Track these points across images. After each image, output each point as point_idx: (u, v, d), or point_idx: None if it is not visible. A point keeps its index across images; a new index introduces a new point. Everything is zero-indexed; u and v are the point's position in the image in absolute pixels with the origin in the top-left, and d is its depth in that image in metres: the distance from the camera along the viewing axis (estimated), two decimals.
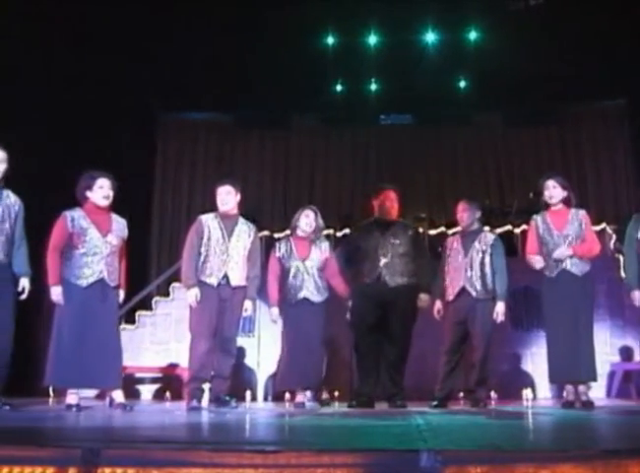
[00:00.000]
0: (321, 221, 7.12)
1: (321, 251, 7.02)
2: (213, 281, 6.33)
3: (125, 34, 10.86)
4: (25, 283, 5.96)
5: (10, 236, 5.92)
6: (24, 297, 5.96)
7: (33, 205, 6.28)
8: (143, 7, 10.75)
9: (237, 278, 6.41)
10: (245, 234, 6.57)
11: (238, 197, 6.65)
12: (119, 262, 6.12)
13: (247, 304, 6.48)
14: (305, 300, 6.88)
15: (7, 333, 5.83)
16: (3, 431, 3.92)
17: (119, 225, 6.15)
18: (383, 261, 6.81)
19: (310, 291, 6.89)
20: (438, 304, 6.97)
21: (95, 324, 5.83)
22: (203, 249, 6.39)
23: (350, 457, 2.61)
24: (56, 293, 5.84)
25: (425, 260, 7.07)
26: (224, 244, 6.41)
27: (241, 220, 6.65)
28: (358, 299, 6.90)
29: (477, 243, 6.95)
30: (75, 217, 5.94)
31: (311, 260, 6.96)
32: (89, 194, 6.00)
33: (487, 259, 6.87)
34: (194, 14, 11.01)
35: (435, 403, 6.74)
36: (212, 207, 6.74)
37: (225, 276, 6.36)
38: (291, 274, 6.93)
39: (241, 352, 8.85)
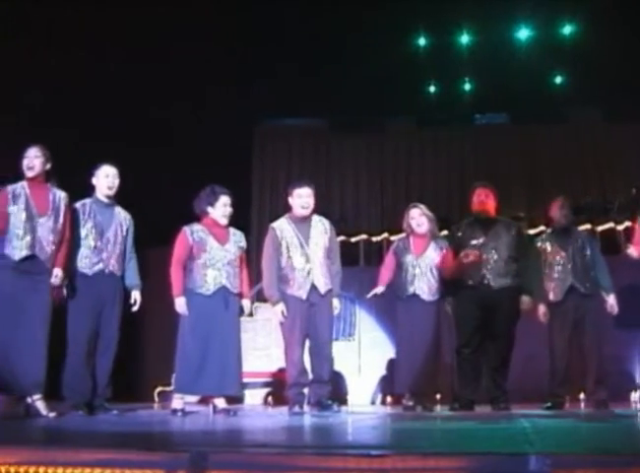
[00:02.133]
0: (429, 213, 6.98)
1: (437, 250, 6.89)
2: (301, 294, 6.27)
3: (218, 42, 11.02)
4: (136, 295, 6.17)
5: (122, 251, 6.13)
6: (135, 308, 6.15)
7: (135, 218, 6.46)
8: (233, 15, 10.89)
9: (324, 283, 6.34)
10: (321, 233, 6.45)
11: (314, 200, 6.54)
12: (240, 271, 6.25)
13: (335, 302, 6.44)
14: (415, 296, 6.75)
15: (115, 343, 6.01)
16: (112, 435, 4.02)
17: (236, 236, 6.30)
18: (488, 263, 6.72)
19: (420, 288, 6.76)
20: (542, 308, 6.82)
21: (217, 331, 5.99)
22: (284, 261, 6.31)
23: (455, 461, 2.59)
24: (180, 304, 6.06)
25: (529, 261, 6.93)
26: (304, 252, 6.31)
27: (315, 218, 6.51)
28: (461, 301, 6.81)
29: (574, 240, 6.82)
30: (194, 230, 6.16)
31: (426, 257, 6.84)
32: (210, 210, 6.17)
33: (588, 255, 6.75)
34: (287, 19, 11.09)
35: (549, 405, 6.62)
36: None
37: (313, 286, 6.30)
38: (403, 269, 6.84)
39: (341, 356, 8.85)
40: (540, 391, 7.30)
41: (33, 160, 5.71)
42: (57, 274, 5.67)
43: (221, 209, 6.16)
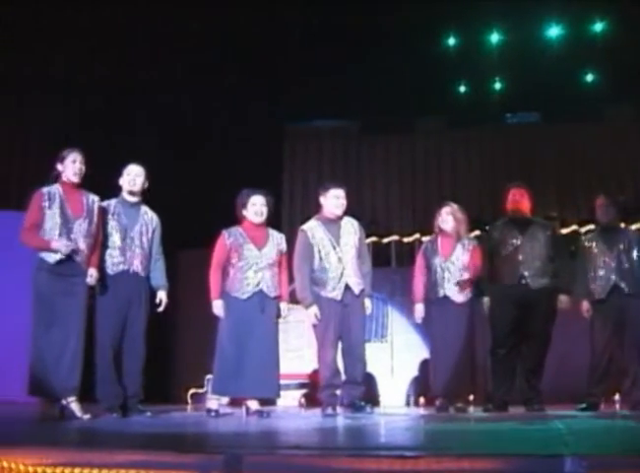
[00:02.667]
0: (461, 214, 6.93)
1: (465, 250, 6.85)
2: (336, 295, 6.24)
3: (250, 45, 11.06)
4: (162, 296, 6.17)
5: (147, 252, 6.12)
6: (161, 309, 6.16)
7: (168, 220, 6.49)
8: (265, 22, 10.93)
9: (357, 283, 6.31)
10: (351, 234, 6.41)
11: None
12: (279, 274, 6.26)
13: (367, 303, 6.40)
14: (446, 298, 6.73)
15: (144, 344, 6.03)
16: (146, 437, 4.04)
17: (276, 238, 6.30)
18: (526, 263, 6.68)
19: (451, 290, 6.72)
20: (586, 305, 6.78)
21: (254, 335, 6.00)
22: (316, 263, 6.29)
23: (490, 462, 2.58)
24: (217, 306, 6.09)
25: (565, 260, 6.90)
26: (337, 253, 6.28)
27: (344, 219, 6.48)
28: (497, 301, 6.76)
29: (621, 240, 6.77)
30: (232, 233, 6.18)
31: (455, 258, 6.80)
32: (244, 212, 6.20)
33: (635, 254, 6.69)
34: (316, 22, 11.10)
35: (584, 406, 6.57)
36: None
37: (346, 286, 6.27)
38: (432, 271, 6.82)
39: (374, 357, 8.83)
40: (574, 392, 7.25)
41: (81, 166, 5.74)
42: (92, 274, 5.70)
43: (251, 208, 6.18)
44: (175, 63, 10.80)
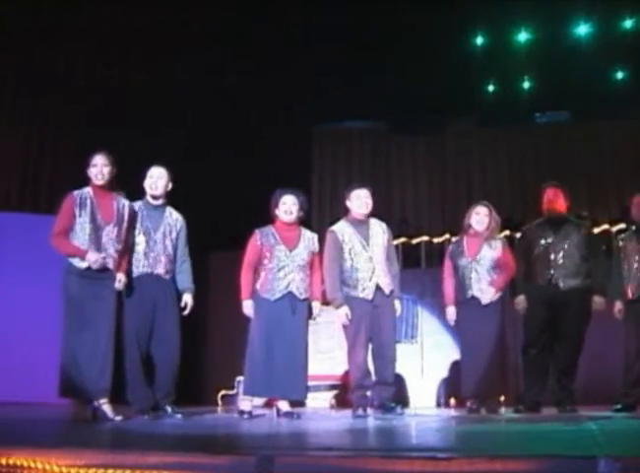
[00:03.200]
0: (497, 216, 6.87)
1: (492, 250, 6.77)
2: (367, 295, 6.21)
3: (279, 47, 11.11)
4: (187, 299, 6.12)
5: (172, 254, 6.08)
6: (186, 312, 6.14)
7: (199, 223, 6.50)
8: (292, 23, 10.97)
9: (387, 284, 6.28)
10: (379, 235, 6.39)
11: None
12: (311, 274, 6.24)
13: (396, 304, 6.37)
14: (475, 298, 6.66)
15: (175, 346, 6.03)
16: (178, 438, 4.06)
17: (308, 239, 6.26)
18: (556, 262, 6.64)
19: (479, 290, 6.65)
20: (619, 305, 6.72)
21: (284, 336, 5.97)
22: (347, 264, 6.25)
23: (523, 463, 2.57)
24: (247, 306, 6.07)
25: (599, 260, 6.83)
26: (367, 254, 6.25)
27: (372, 220, 6.45)
28: (529, 300, 6.72)
29: None
30: (264, 233, 6.15)
31: (481, 258, 6.74)
32: (276, 212, 6.19)
33: None
34: (346, 22, 11.11)
35: (619, 406, 6.51)
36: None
37: (377, 286, 6.24)
38: (460, 272, 6.78)
39: (404, 358, 8.81)
40: (607, 393, 7.19)
41: (102, 168, 5.70)
42: (120, 279, 5.71)
43: (282, 207, 6.17)
44: (206, 63, 10.87)
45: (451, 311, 6.77)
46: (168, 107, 10.27)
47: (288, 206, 6.17)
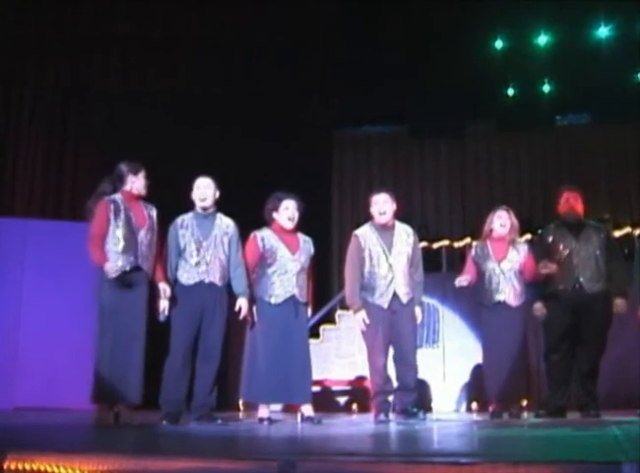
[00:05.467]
0: (515, 220, 6.86)
1: (519, 253, 6.77)
2: (383, 302, 6.16)
3: (300, 53, 11.14)
4: (242, 303, 6.05)
5: (225, 260, 6.08)
6: (241, 317, 6.10)
7: None
8: (315, 28, 10.99)
9: (405, 293, 6.21)
10: (404, 242, 6.31)
11: (394, 206, 6.38)
12: (308, 280, 6.27)
13: (417, 311, 6.31)
14: (501, 303, 6.64)
15: (217, 351, 6.03)
16: (201, 444, 4.07)
17: (306, 244, 6.28)
18: (579, 266, 6.60)
19: (507, 294, 6.63)
20: None
21: (287, 340, 5.99)
22: (367, 269, 6.21)
23: (546, 469, 2.55)
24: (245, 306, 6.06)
25: (620, 263, 6.78)
26: (387, 261, 6.18)
27: (398, 226, 6.38)
28: (551, 305, 6.68)
29: None
30: (265, 236, 6.15)
31: (508, 262, 6.73)
32: (275, 216, 6.18)
33: None
34: (365, 28, 11.11)
35: None
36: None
37: (394, 295, 6.19)
38: (486, 276, 6.74)
39: (426, 363, 8.79)
40: (631, 397, 7.15)
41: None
42: (165, 289, 5.78)
43: (284, 213, 6.16)
44: (228, 67, 10.93)
45: (466, 279, 6.66)
46: (190, 117, 10.34)
47: (291, 211, 6.15)
